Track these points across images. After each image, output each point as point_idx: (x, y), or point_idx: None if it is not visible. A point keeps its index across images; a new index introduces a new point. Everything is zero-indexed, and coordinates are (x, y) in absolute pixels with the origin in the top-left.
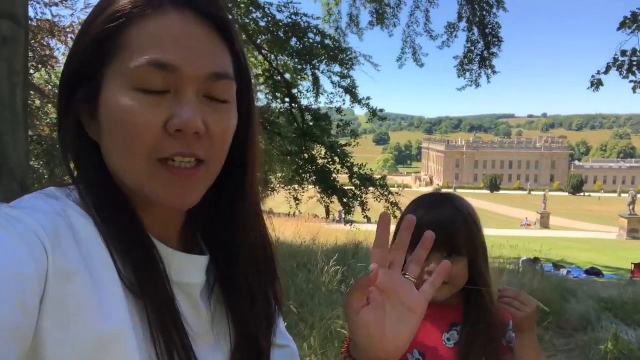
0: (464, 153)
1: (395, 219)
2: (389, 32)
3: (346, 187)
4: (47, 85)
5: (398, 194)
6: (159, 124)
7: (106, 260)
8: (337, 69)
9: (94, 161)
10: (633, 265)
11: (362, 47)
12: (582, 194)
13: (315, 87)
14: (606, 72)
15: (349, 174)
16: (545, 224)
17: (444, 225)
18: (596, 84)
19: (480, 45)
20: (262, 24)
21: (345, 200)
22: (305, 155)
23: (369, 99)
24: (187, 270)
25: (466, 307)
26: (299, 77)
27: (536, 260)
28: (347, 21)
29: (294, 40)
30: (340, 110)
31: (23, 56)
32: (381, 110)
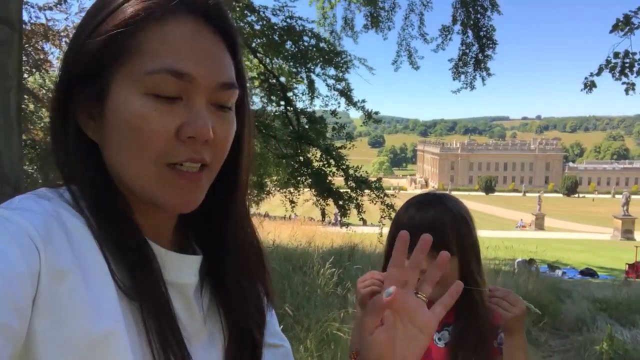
0: (459, 155)
1: (390, 219)
2: (383, 35)
3: (342, 190)
4: (41, 89)
5: (394, 196)
6: (171, 130)
7: (99, 261)
8: (332, 72)
9: (94, 161)
10: (627, 266)
11: (357, 50)
12: (577, 195)
13: (310, 90)
14: (598, 73)
15: (345, 177)
16: (540, 225)
17: (434, 224)
18: (589, 85)
19: (475, 48)
20: (257, 27)
21: (340, 203)
22: (301, 158)
23: (364, 101)
24: (181, 270)
25: (457, 307)
26: (294, 80)
27: (531, 261)
28: (342, 24)
29: (288, 43)
30: (335, 113)
31: (17, 60)
32: (376, 113)
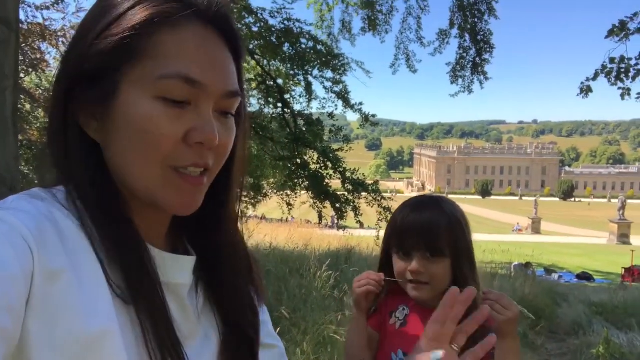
0: (456, 159)
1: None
2: (380, 38)
3: (339, 193)
4: (38, 89)
5: (391, 198)
6: (179, 135)
7: (92, 262)
8: (329, 74)
9: (94, 160)
10: (623, 270)
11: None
12: (573, 199)
13: (308, 93)
14: (594, 78)
15: (342, 179)
16: (536, 229)
17: (427, 225)
18: (585, 90)
19: (472, 52)
20: (254, 29)
21: (337, 206)
22: (298, 160)
23: (361, 104)
24: (175, 271)
25: None
26: (291, 82)
27: (528, 265)
28: (340, 27)
29: (286, 45)
30: (332, 116)
31: (13, 59)
32: (373, 116)
